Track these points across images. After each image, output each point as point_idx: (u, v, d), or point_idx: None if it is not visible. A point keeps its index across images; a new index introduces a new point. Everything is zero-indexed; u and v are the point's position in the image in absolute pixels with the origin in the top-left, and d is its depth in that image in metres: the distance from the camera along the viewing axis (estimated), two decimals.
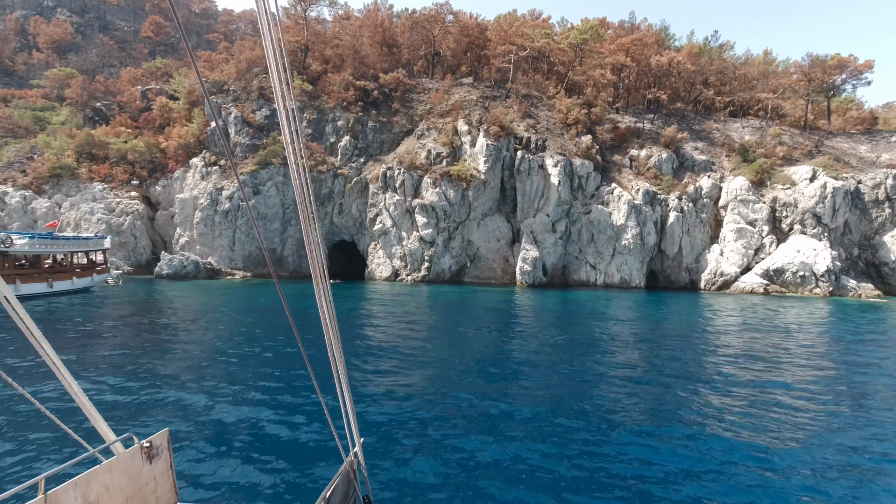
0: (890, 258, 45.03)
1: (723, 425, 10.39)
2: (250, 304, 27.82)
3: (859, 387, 13.57)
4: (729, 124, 56.56)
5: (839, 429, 10.36)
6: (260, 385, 12.38)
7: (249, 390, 11.89)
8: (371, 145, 50.94)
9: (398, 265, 45.58)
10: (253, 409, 10.62)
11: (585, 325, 23.67)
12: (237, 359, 15.01)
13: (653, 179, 48.08)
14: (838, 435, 9.99)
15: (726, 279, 43.93)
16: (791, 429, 10.28)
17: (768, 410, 11.35)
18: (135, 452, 3.43)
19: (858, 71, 58.74)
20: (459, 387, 12.65)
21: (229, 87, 51.19)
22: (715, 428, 10.23)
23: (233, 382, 12.46)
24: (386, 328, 21.45)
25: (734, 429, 10.18)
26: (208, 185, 43.84)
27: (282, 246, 46.27)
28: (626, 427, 10.16)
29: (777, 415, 11.12)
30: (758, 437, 9.74)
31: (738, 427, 10.28)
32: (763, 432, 10.01)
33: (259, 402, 11.04)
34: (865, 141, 56.76)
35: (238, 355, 15.45)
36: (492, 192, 46.55)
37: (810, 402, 12.06)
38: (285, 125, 2.84)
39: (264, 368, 13.99)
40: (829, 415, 11.29)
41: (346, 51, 56.19)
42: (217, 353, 15.78)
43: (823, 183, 44.83)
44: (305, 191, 2.93)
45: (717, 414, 11.11)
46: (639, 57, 54.87)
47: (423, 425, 9.91)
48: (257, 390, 11.92)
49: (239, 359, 15.00)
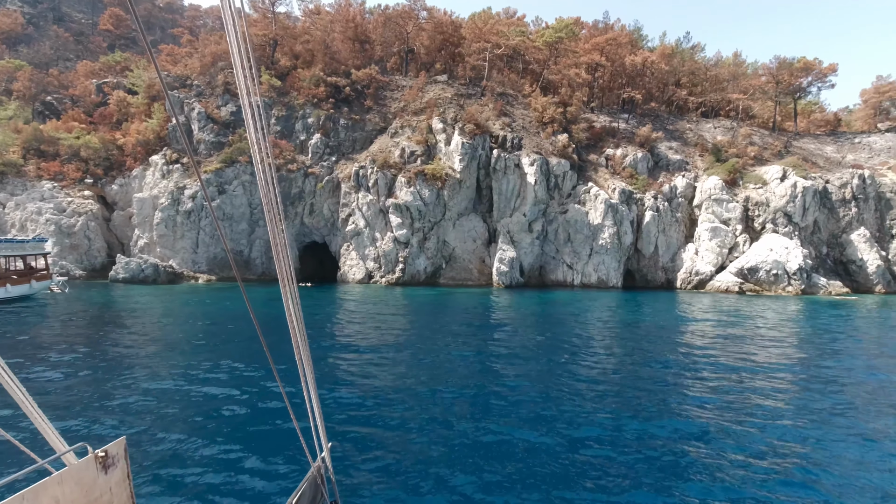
0: (857, 256, 45.90)
1: (703, 424, 9.58)
2: (214, 308, 26.00)
3: (832, 384, 13.04)
4: (701, 124, 57.07)
5: (807, 423, 9.72)
6: (223, 391, 11.72)
7: (212, 397, 11.29)
8: (343, 143, 49.34)
9: (372, 267, 44.10)
10: (215, 415, 10.00)
11: (565, 327, 22.82)
12: (200, 365, 13.96)
13: (628, 179, 47.92)
14: (808, 429, 9.33)
15: (702, 278, 43.98)
16: (761, 427, 9.62)
17: (744, 411, 10.68)
18: (89, 462, 3.23)
19: (823, 74, 60.16)
20: (433, 392, 11.95)
21: (193, 82, 48.82)
22: (695, 426, 9.42)
23: (195, 389, 11.79)
24: (358, 332, 20.15)
25: (714, 428, 9.38)
26: (169, 184, 41.47)
27: (249, 248, 44.21)
28: (602, 427, 9.85)
29: (751, 416, 10.57)
30: (735, 438, 9.03)
31: (716, 425, 9.48)
32: (738, 434, 9.39)
33: (222, 409, 10.42)
34: (831, 142, 58.13)
35: (200, 362, 14.33)
36: (467, 192, 45.54)
37: (783, 402, 11.43)
38: (251, 122, 2.74)
39: (229, 375, 13.05)
40: (800, 409, 10.64)
41: (316, 46, 54.42)
42: (177, 359, 14.60)
43: (794, 182, 45.41)
44: (272, 190, 2.83)
45: (699, 415, 10.31)
46: (613, 56, 54.83)
47: (395, 430, 9.47)
48: (221, 397, 11.29)
49: (201, 365, 13.95)
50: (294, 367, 3.14)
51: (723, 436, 9.69)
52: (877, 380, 13.83)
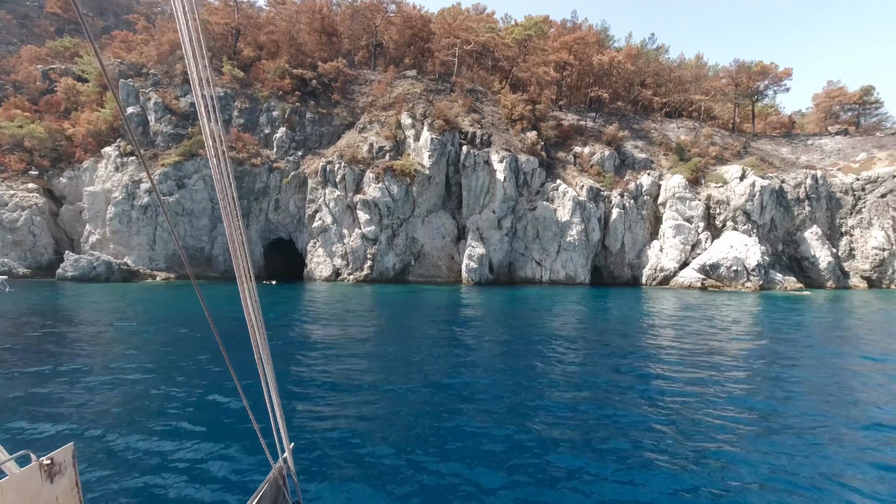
0: (810, 253, 47.94)
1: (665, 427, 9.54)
2: (171, 308, 24.74)
3: (788, 372, 13.36)
4: (665, 124, 58.41)
5: (765, 417, 9.83)
6: (180, 393, 11.08)
7: (168, 399, 10.61)
8: (309, 138, 48.08)
9: (339, 264, 43.17)
10: (171, 418, 9.48)
11: (534, 324, 22.75)
12: (155, 367, 13.13)
13: (596, 176, 48.55)
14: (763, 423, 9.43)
15: (666, 274, 45.01)
16: (720, 421, 9.64)
17: (703, 406, 10.73)
18: (32, 471, 3.02)
19: (779, 78, 62.54)
20: (399, 391, 11.56)
21: (149, 71, 46.52)
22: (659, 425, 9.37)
23: (149, 392, 11.12)
24: (323, 331, 19.47)
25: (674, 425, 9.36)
26: (124, 178, 39.37)
27: (211, 244, 42.54)
28: (569, 419, 9.59)
29: (711, 410, 10.58)
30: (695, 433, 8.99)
31: (673, 422, 9.47)
32: (699, 426, 9.32)
33: (178, 411, 9.89)
34: (786, 143, 60.54)
35: (155, 363, 13.49)
36: (437, 188, 45.14)
37: (737, 390, 11.58)
38: (203, 114, 2.63)
39: (186, 376, 12.34)
40: (755, 403, 10.79)
41: (281, 37, 52.78)
42: (130, 361, 13.65)
43: (752, 182, 46.99)
44: (227, 185, 2.76)
45: (662, 413, 10.29)
46: (581, 55, 55.40)
47: (361, 430, 9.17)
48: (177, 398, 10.69)
49: (157, 367, 13.13)
50: (255, 367, 3.02)
51: (685, 422, 9.94)
52: (829, 368, 14.24)
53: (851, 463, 8.16)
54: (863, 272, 48.21)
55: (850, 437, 9.32)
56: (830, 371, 14.26)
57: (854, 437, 9.28)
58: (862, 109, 67.87)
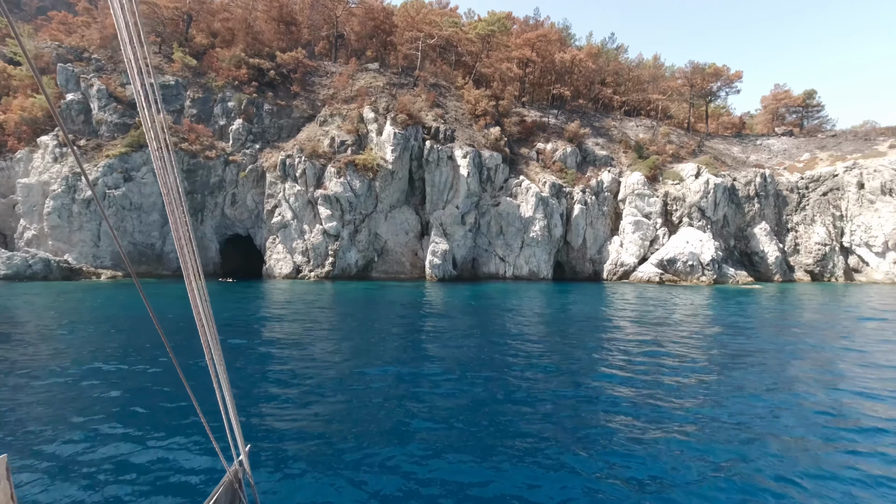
0: (759, 248, 50.15)
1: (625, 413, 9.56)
2: (116, 308, 23.18)
3: (739, 358, 13.76)
4: (625, 122, 59.74)
5: (719, 403, 10.05)
6: (123, 397, 10.34)
7: (110, 403, 9.94)
8: (268, 130, 46.40)
9: (300, 261, 41.92)
10: (115, 423, 8.88)
11: (497, 319, 22.63)
12: (97, 370, 12.18)
13: (558, 173, 49.07)
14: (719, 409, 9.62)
15: (626, 269, 46.04)
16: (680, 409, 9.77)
17: (661, 386, 10.89)
18: None
19: (730, 80, 65.06)
20: (361, 390, 11.16)
21: (91, 56, 43.65)
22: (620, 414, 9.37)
23: (91, 396, 10.33)
24: (282, 329, 18.66)
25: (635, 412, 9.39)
26: (63, 169, 36.76)
27: (162, 241, 40.40)
28: (531, 420, 9.46)
29: (667, 395, 10.77)
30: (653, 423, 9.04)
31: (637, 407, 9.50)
32: (657, 407, 9.41)
33: (122, 416, 9.27)
34: (737, 143, 63.10)
35: (97, 366, 12.50)
36: (400, 183, 44.48)
37: (694, 375, 11.80)
38: (143, 104, 2.52)
39: (130, 379, 11.50)
40: (710, 389, 11.01)
41: (237, 24, 50.70)
42: (69, 364, 12.59)
43: (706, 179, 48.65)
44: (171, 179, 2.61)
45: (622, 398, 10.32)
46: (543, 53, 55.83)
47: (320, 430, 8.84)
48: (120, 403, 9.97)
49: (99, 370, 12.18)
50: (207, 370, 2.92)
51: (643, 407, 10.30)
52: (779, 353, 14.72)
53: (797, 445, 8.64)
54: (806, 266, 50.82)
55: (798, 420, 9.86)
56: (781, 359, 14.72)
57: (803, 420, 9.78)
58: (805, 112, 71.59)
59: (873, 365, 14.35)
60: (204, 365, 3.03)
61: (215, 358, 2.86)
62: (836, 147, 58.78)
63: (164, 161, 2.59)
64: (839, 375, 13.21)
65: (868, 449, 8.41)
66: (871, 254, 49.57)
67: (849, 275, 50.55)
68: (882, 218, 48.82)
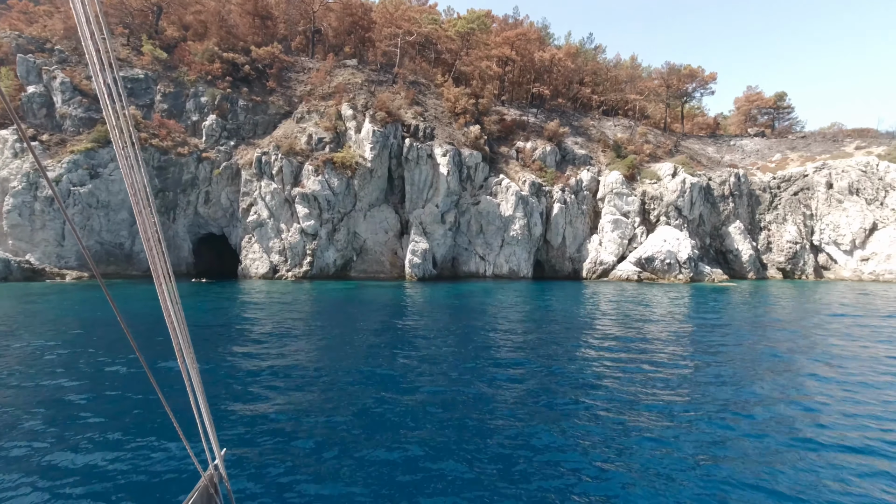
0: (733, 246, 51.12)
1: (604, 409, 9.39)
2: (82, 310, 22.11)
3: (715, 355, 13.81)
4: (603, 122, 60.21)
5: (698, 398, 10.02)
6: (90, 403, 9.92)
7: (77, 409, 9.53)
8: (243, 127, 45.22)
9: (277, 260, 40.96)
10: (84, 430, 8.48)
11: (477, 318, 22.37)
12: (61, 374, 11.61)
13: (538, 171, 49.10)
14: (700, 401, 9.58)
15: (605, 268, 46.35)
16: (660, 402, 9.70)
17: (643, 383, 10.81)
18: None
19: (705, 81, 66.23)
20: (339, 394, 10.84)
21: (54, 47, 41.80)
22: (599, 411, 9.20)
23: (55, 402, 9.92)
24: (259, 331, 18.02)
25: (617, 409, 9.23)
26: (24, 165, 35.06)
27: (131, 240, 38.95)
28: (510, 419, 9.40)
29: (647, 389, 10.78)
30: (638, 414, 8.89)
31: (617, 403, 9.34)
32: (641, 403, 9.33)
33: (91, 422, 8.87)
34: (711, 143, 64.26)
35: (63, 370, 11.89)
36: (379, 182, 43.85)
37: (674, 370, 11.76)
38: (105, 97, 2.42)
39: (98, 384, 11.04)
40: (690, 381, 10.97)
41: (210, 17, 49.23)
42: (31, 370, 11.94)
43: (683, 179, 49.34)
44: (137, 175, 2.54)
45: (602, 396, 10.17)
46: (523, 51, 55.83)
47: (299, 432, 8.67)
48: (88, 408, 9.56)
49: (64, 374, 11.61)
50: (179, 374, 2.87)
51: (622, 406, 10.33)
52: (753, 347, 14.83)
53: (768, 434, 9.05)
54: (778, 264, 52.03)
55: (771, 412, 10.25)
56: (755, 355, 14.81)
57: (777, 414, 10.07)
58: (776, 113, 73.35)
59: (838, 357, 14.58)
60: (176, 368, 2.77)
61: (187, 360, 2.76)
62: (806, 148, 60.39)
63: (131, 159, 2.51)
64: (811, 375, 13.32)
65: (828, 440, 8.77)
66: (840, 252, 51.05)
67: (818, 272, 51.94)
68: (850, 217, 50.30)
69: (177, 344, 2.73)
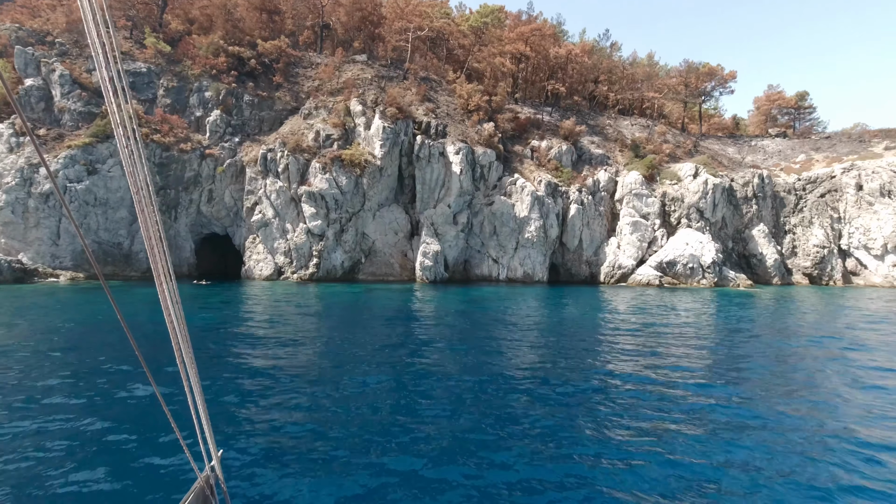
0: (757, 250, 48.88)
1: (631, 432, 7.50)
2: (78, 312, 20.38)
3: (742, 369, 11.83)
4: (619, 121, 58.18)
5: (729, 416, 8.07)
6: (85, 404, 9.54)
7: (72, 408, 9.23)
8: (248, 123, 43.67)
9: (282, 261, 39.27)
10: (79, 430, 8.21)
11: (494, 327, 20.46)
12: (58, 376, 11.20)
13: (554, 171, 47.16)
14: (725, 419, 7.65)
15: (624, 272, 44.26)
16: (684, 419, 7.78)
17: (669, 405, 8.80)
18: None
19: (724, 80, 64.14)
20: (342, 394, 10.53)
21: (55, 39, 40.41)
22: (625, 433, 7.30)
23: (51, 403, 9.50)
24: (261, 335, 16.45)
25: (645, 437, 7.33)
26: (19, 160, 33.54)
27: (130, 240, 37.36)
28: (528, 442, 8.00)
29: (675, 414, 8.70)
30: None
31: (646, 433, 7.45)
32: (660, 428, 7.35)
33: (86, 422, 8.54)
34: (731, 144, 62.06)
35: (59, 372, 11.47)
36: (389, 180, 42.08)
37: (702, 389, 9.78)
38: (110, 91, 2.32)
39: (94, 384, 10.68)
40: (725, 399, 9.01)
41: (215, 11, 47.79)
42: (25, 372, 11.36)
43: (705, 179, 47.20)
44: (141, 174, 2.45)
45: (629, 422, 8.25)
46: (537, 48, 53.98)
47: (298, 435, 8.39)
48: (83, 409, 9.20)
49: (61, 375, 11.24)
50: (179, 377, 2.69)
51: (645, 421, 8.77)
52: (801, 367, 12.84)
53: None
54: (804, 269, 49.74)
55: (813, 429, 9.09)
56: (807, 371, 12.79)
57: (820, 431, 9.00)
58: (797, 114, 70.99)
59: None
60: (175, 370, 2.71)
61: (186, 360, 2.65)
62: (831, 148, 58.05)
63: (134, 154, 2.41)
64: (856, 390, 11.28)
65: None
66: (870, 256, 48.67)
67: (847, 278, 49.59)
68: (881, 220, 47.94)
69: (175, 343, 2.67)
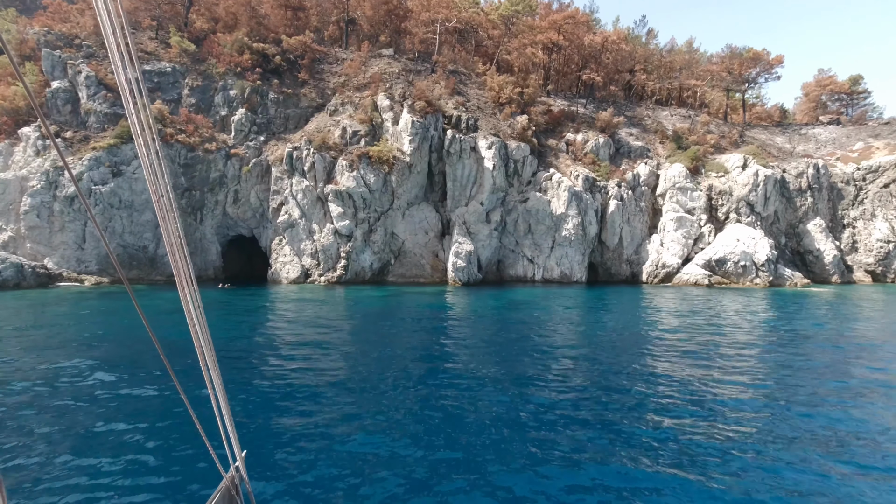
0: (814, 246, 45.28)
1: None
2: (95, 319, 19.21)
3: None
4: (658, 112, 55.07)
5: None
6: (114, 406, 9.75)
7: (102, 413, 9.29)
8: (273, 121, 42.54)
9: (309, 264, 37.94)
10: (109, 432, 8.38)
11: (531, 336, 18.39)
12: (84, 380, 11.45)
13: (591, 165, 44.59)
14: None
15: (668, 271, 41.41)
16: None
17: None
18: None
19: (770, 65, 60.04)
20: (366, 403, 10.33)
21: (82, 42, 40.04)
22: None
23: (80, 406, 9.69)
24: (287, 341, 15.37)
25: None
26: (45, 164, 33.04)
27: (156, 243, 36.62)
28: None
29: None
30: None
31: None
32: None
33: (115, 425, 8.70)
34: (779, 133, 58.11)
35: (87, 377, 11.67)
36: (418, 178, 40.31)
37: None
38: (126, 90, 2.33)
39: (122, 388, 10.88)
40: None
41: (240, 9, 46.88)
42: (57, 374, 11.78)
43: (755, 171, 43.89)
44: (161, 182, 2.49)
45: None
46: (571, 36, 51.38)
47: (321, 437, 8.37)
48: (112, 412, 9.38)
49: (89, 381, 11.42)
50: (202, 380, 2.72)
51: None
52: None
53: None
54: (867, 266, 45.86)
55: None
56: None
57: None
58: (850, 99, 66.29)
59: None
60: (201, 373, 2.63)
61: (209, 363, 2.67)
62: (892, 135, 53.53)
63: (153, 159, 2.44)
64: None
65: None
66: None
67: None
68: None
69: (198, 346, 2.64)
